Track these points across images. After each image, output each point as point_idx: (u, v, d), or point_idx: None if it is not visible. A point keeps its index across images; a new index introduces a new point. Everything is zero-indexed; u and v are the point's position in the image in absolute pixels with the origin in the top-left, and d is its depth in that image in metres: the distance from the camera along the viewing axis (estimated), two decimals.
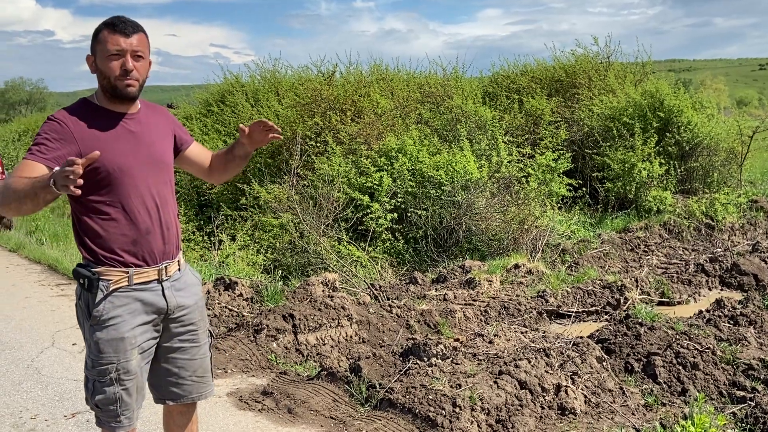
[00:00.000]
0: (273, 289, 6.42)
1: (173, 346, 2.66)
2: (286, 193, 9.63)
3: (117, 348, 2.45)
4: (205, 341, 2.78)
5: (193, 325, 2.70)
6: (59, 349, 5.21)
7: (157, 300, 2.55)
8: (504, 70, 15.91)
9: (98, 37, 2.50)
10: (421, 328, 5.96)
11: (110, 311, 2.44)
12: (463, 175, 9.49)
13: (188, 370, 2.70)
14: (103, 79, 2.50)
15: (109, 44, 2.47)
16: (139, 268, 2.51)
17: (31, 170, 2.31)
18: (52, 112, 2.70)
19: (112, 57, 2.46)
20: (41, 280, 7.61)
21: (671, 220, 10.65)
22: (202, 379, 2.77)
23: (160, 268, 2.56)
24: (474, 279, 7.70)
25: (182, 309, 2.64)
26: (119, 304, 2.45)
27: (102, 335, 2.43)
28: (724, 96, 59.18)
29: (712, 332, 5.66)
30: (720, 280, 8.51)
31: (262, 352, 4.95)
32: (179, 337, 2.66)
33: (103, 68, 2.47)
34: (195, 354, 2.72)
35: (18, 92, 73.31)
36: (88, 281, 2.44)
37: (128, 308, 2.47)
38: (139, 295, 2.50)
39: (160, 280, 2.56)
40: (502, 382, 4.05)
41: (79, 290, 2.51)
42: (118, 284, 2.46)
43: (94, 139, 2.46)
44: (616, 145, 11.81)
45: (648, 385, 4.80)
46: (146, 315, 2.53)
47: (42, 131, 2.43)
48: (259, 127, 2.73)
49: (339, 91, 12.04)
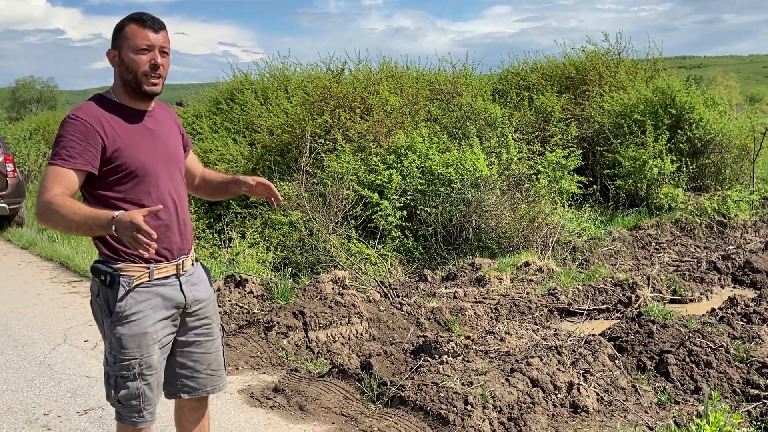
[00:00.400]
0: (283, 286, 6.43)
1: (189, 340, 2.68)
2: (295, 190, 9.63)
3: (140, 343, 2.47)
4: (218, 335, 2.82)
5: (207, 319, 2.73)
6: (71, 345, 5.23)
7: (175, 295, 2.58)
8: (513, 67, 15.84)
9: (124, 31, 2.49)
10: (432, 325, 5.94)
11: (132, 307, 2.46)
12: (472, 173, 9.46)
13: (203, 363, 2.73)
14: (129, 74, 2.49)
15: (139, 39, 2.47)
16: (159, 264, 2.54)
17: (65, 180, 2.36)
18: (63, 110, 2.72)
19: (141, 52, 2.47)
20: (53, 278, 7.65)
21: (683, 218, 10.58)
22: (216, 373, 2.79)
23: (178, 263, 2.60)
24: (484, 277, 7.68)
25: (198, 303, 2.67)
26: (140, 299, 2.48)
27: (125, 331, 2.45)
28: (735, 93, 58.77)
29: (725, 330, 5.62)
30: (732, 277, 8.46)
31: (272, 349, 4.95)
32: (194, 330, 2.69)
33: (130, 62, 2.47)
34: (210, 347, 2.75)
35: (29, 91, 73.61)
36: (110, 277, 2.45)
37: (149, 303, 2.50)
38: (159, 290, 2.53)
39: (177, 275, 2.59)
40: (514, 379, 4.03)
41: (97, 287, 2.52)
42: (140, 280, 2.48)
43: (117, 136, 2.47)
44: (627, 142, 11.74)
45: (661, 383, 4.77)
46: (166, 310, 2.56)
47: (66, 133, 2.42)
48: (265, 186, 2.83)
49: (348, 89, 12.03)
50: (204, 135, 13.20)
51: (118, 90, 2.54)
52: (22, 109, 64.97)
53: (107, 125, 2.45)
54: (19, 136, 20.50)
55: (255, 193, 2.86)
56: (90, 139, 2.40)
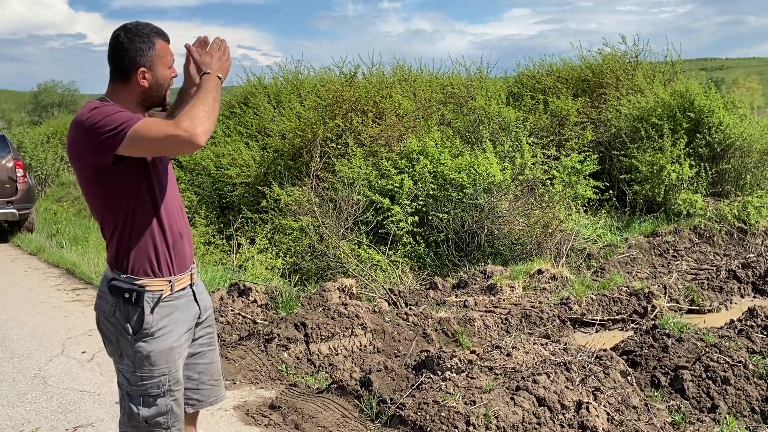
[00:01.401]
0: (287, 295, 6.29)
1: (195, 351, 2.61)
2: (306, 195, 9.51)
3: (168, 358, 2.41)
4: (217, 344, 2.76)
5: (210, 328, 2.68)
6: (68, 357, 5.13)
7: (192, 305, 2.53)
8: (529, 70, 15.61)
9: (156, 49, 2.41)
10: (439, 337, 5.78)
11: (158, 322, 2.39)
12: (485, 178, 9.28)
13: (207, 374, 2.67)
14: (160, 91, 2.46)
15: (170, 55, 2.46)
16: (178, 275, 2.48)
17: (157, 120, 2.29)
18: None
19: (170, 67, 2.47)
20: (58, 285, 7.58)
21: (702, 224, 10.31)
22: (218, 383, 2.73)
23: (192, 272, 2.56)
24: (495, 285, 7.50)
25: (206, 312, 2.62)
26: (165, 314, 2.41)
27: (152, 347, 2.38)
28: (757, 95, 57.88)
29: (744, 344, 5.40)
30: (753, 287, 8.21)
31: (272, 362, 4.81)
32: (200, 340, 2.62)
33: (164, 80, 2.45)
34: (212, 357, 2.69)
35: (51, 95, 74.45)
36: (136, 294, 2.36)
37: (172, 318, 2.44)
38: (178, 303, 2.47)
39: (192, 284, 2.55)
40: (520, 398, 3.86)
41: (113, 305, 2.39)
42: (164, 294, 2.42)
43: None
44: (644, 147, 11.48)
45: (675, 401, 4.57)
46: (187, 323, 2.51)
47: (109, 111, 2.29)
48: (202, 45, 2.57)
49: (361, 92, 11.90)
50: (217, 139, 13.14)
51: (124, 103, 2.40)
52: (44, 113, 65.69)
53: None
54: (36, 140, 20.61)
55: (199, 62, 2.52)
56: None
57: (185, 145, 2.22)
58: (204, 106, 2.26)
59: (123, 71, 2.40)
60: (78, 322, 6.06)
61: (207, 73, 2.41)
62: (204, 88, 2.35)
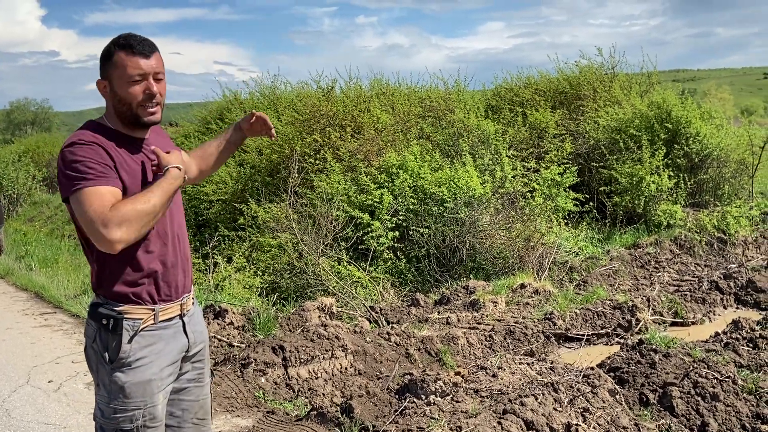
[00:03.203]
0: (265, 316, 6.10)
1: (181, 387, 2.45)
2: (284, 212, 9.33)
3: (144, 392, 2.25)
4: (207, 381, 2.57)
5: (201, 363, 2.51)
6: (34, 387, 4.90)
7: (179, 337, 2.38)
8: (507, 82, 15.63)
9: (113, 60, 2.24)
10: (422, 357, 5.62)
11: (137, 352, 2.24)
12: (466, 192, 9.18)
13: (191, 412, 2.49)
14: (123, 106, 2.26)
15: (129, 68, 2.23)
16: (164, 304, 2.32)
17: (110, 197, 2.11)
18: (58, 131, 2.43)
19: (134, 82, 2.24)
20: (25, 309, 7.31)
21: (682, 235, 10.29)
22: (202, 422, 2.55)
23: (182, 302, 2.40)
24: (478, 301, 7.37)
25: (197, 346, 2.46)
26: (145, 344, 2.26)
27: (128, 378, 2.22)
28: (729, 105, 58.77)
29: (731, 358, 5.31)
30: (735, 297, 8.16)
31: (249, 388, 4.62)
32: (186, 376, 2.46)
33: (124, 95, 2.25)
34: (198, 395, 2.51)
35: (23, 113, 73.53)
36: (114, 321, 2.21)
37: (154, 348, 2.28)
38: (163, 333, 2.32)
39: (181, 315, 2.39)
40: (507, 422, 3.71)
41: (94, 331, 2.25)
42: (146, 323, 2.26)
43: (126, 167, 2.23)
44: (623, 158, 11.48)
45: (665, 419, 4.45)
46: (171, 355, 2.34)
47: (82, 157, 2.13)
48: (262, 121, 2.77)
49: (338, 107, 11.77)
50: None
51: (113, 118, 2.29)
52: (17, 131, 64.80)
53: (115, 152, 2.22)
54: (7, 159, 20.22)
55: (254, 131, 2.81)
56: (107, 162, 2.17)
57: (100, 244, 2.10)
58: (146, 205, 2.12)
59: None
60: (45, 349, 5.82)
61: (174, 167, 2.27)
62: (159, 183, 2.21)
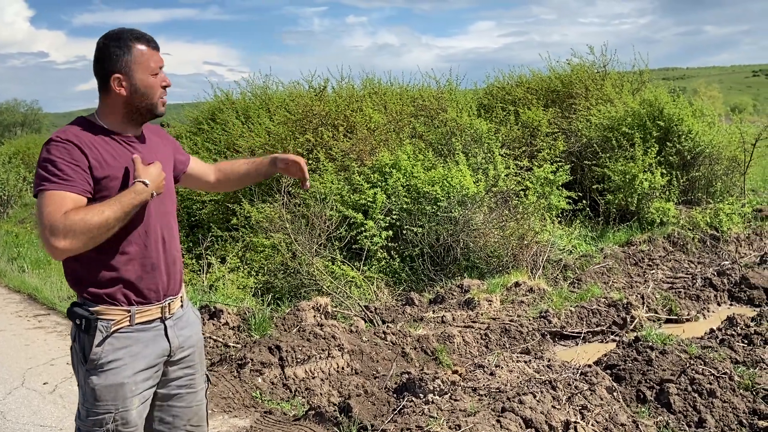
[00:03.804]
0: (261, 317, 6.07)
1: (170, 393, 2.40)
2: (277, 212, 9.30)
3: (116, 395, 2.21)
4: (202, 386, 2.53)
5: (191, 368, 2.45)
6: (29, 389, 4.86)
7: (159, 341, 2.33)
8: (499, 81, 15.63)
9: (132, 54, 2.23)
10: (418, 355, 5.61)
11: (109, 354, 2.20)
12: (459, 190, 9.18)
13: (183, 419, 2.45)
14: (142, 99, 2.27)
15: (152, 61, 2.27)
16: (141, 306, 2.27)
17: (69, 203, 2.09)
18: (47, 133, 2.42)
19: (155, 75, 2.29)
20: (19, 311, 7.26)
21: (675, 232, 10.32)
22: (197, 429, 2.52)
23: (163, 305, 2.34)
24: (473, 299, 7.36)
25: (183, 350, 2.40)
26: (119, 346, 2.22)
27: (99, 381, 2.19)
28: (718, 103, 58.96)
29: (727, 354, 5.33)
30: (729, 294, 8.19)
31: (246, 388, 4.60)
32: (176, 382, 2.41)
33: (146, 88, 2.27)
34: (191, 401, 2.47)
35: (12, 114, 73.08)
36: (86, 321, 2.19)
37: (129, 351, 2.24)
38: (140, 336, 2.27)
39: (163, 318, 2.34)
40: (506, 420, 3.70)
41: (75, 332, 2.24)
42: (119, 324, 2.23)
43: (106, 164, 2.21)
44: (615, 156, 11.50)
45: (663, 415, 4.46)
46: (148, 359, 2.29)
47: (54, 157, 2.12)
48: (299, 166, 2.75)
49: (331, 107, 11.74)
50: None
51: (111, 116, 2.28)
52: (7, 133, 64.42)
53: (95, 151, 2.19)
54: None
55: (289, 172, 2.78)
56: (80, 164, 2.14)
57: (46, 249, 2.11)
58: (97, 218, 2.08)
59: (101, 80, 2.27)
60: (39, 350, 5.77)
61: (141, 182, 2.21)
62: (120, 197, 2.16)
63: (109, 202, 2.12)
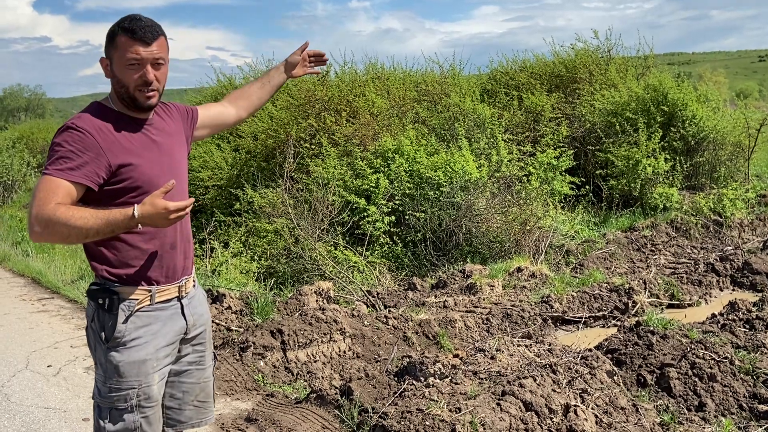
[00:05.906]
0: (263, 301, 6.10)
1: (181, 369, 2.47)
2: (279, 197, 9.31)
3: (139, 371, 2.28)
4: (210, 363, 2.59)
5: (202, 346, 2.53)
6: (33, 372, 4.89)
7: (177, 319, 2.40)
8: (502, 66, 15.55)
9: (114, 41, 2.25)
10: (420, 340, 5.63)
11: (132, 332, 2.27)
12: (462, 176, 9.17)
13: (191, 394, 2.52)
14: (121, 88, 2.27)
15: (128, 53, 2.23)
16: (161, 286, 2.34)
17: (63, 192, 2.12)
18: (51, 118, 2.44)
19: (131, 67, 2.24)
20: (23, 295, 7.30)
21: (678, 218, 10.30)
22: (204, 405, 2.58)
23: (180, 284, 2.41)
24: (475, 284, 7.38)
25: (196, 328, 2.48)
26: (141, 324, 2.29)
27: (122, 357, 2.26)
28: (724, 88, 58.73)
29: (728, 339, 5.34)
30: (731, 279, 8.18)
31: (248, 371, 4.63)
32: (187, 358, 2.48)
33: (121, 77, 2.26)
34: (200, 377, 2.53)
35: (16, 99, 73.14)
36: (109, 301, 2.25)
37: (150, 329, 2.31)
38: (159, 314, 2.34)
39: (180, 297, 2.41)
40: (506, 403, 3.72)
41: (93, 311, 2.29)
42: (141, 304, 2.29)
43: (122, 149, 2.24)
44: (619, 141, 11.47)
45: (663, 400, 4.48)
46: (167, 336, 2.36)
47: (64, 142, 2.16)
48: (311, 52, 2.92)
49: (333, 92, 11.72)
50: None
51: (115, 98, 2.31)
52: (11, 118, 64.41)
53: (109, 137, 2.22)
54: (1, 145, 20.10)
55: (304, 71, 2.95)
56: (91, 151, 2.17)
57: (28, 228, 2.17)
58: (78, 222, 2.07)
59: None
60: (43, 333, 5.81)
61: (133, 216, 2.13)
62: (110, 214, 2.11)
63: (99, 214, 2.11)
